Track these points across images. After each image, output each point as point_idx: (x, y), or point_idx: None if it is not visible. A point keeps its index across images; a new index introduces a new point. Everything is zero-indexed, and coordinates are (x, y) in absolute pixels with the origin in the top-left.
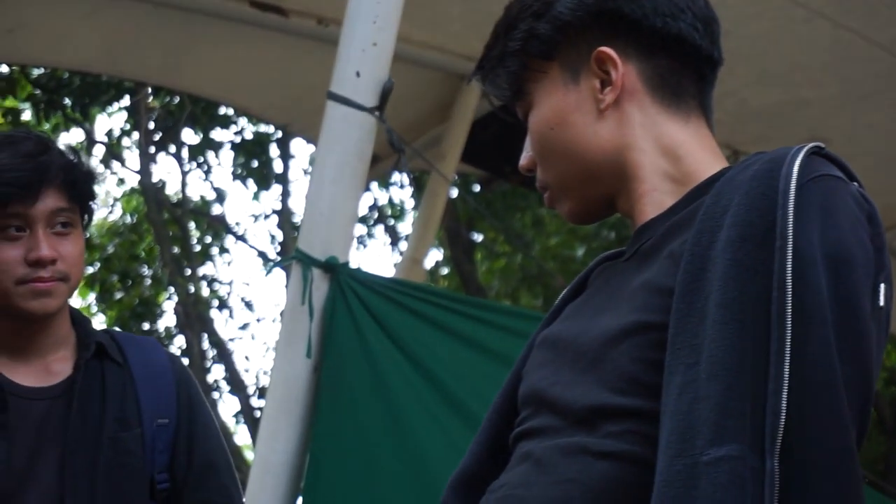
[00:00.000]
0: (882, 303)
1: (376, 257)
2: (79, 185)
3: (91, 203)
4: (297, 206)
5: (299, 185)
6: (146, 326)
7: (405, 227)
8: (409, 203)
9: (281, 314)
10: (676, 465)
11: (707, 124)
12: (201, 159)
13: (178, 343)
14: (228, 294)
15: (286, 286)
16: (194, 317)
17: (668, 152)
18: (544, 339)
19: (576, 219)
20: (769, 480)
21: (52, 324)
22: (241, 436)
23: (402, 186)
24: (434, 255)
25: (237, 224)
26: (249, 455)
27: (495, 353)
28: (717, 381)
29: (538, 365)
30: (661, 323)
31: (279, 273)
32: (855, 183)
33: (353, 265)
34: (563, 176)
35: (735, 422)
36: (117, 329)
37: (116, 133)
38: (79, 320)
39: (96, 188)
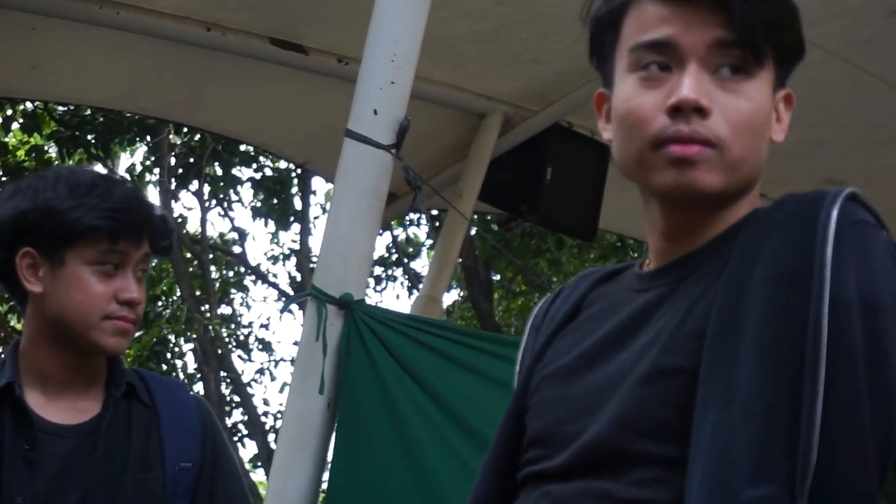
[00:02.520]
0: None
1: (395, 299)
2: (166, 235)
3: (164, 255)
4: (317, 245)
5: (319, 223)
6: (164, 367)
7: (424, 267)
8: (428, 242)
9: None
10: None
11: None
12: (222, 196)
13: (197, 387)
14: (247, 335)
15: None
16: (212, 356)
17: None
18: (555, 372)
19: (699, 192)
20: None
21: (99, 362)
22: (258, 475)
23: (418, 224)
24: (452, 295)
25: (258, 265)
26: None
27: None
28: (755, 420)
29: (552, 402)
30: (691, 367)
31: (299, 314)
32: (884, 230)
33: (372, 305)
34: (744, 158)
35: (772, 462)
36: (145, 370)
37: (138, 169)
38: (113, 359)
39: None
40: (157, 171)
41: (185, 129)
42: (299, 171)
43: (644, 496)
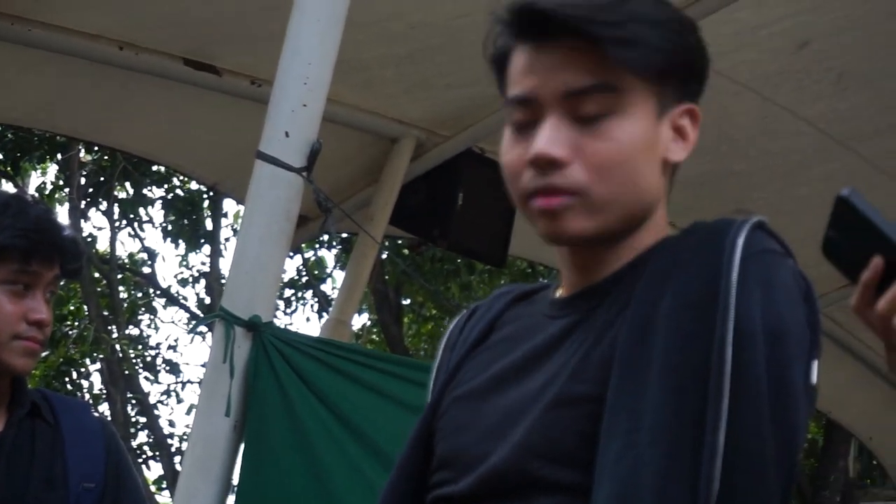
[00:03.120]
0: (814, 381)
1: (305, 321)
2: (77, 258)
3: (74, 278)
4: (227, 267)
5: (229, 245)
6: (70, 387)
7: (334, 290)
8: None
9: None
10: None
11: None
12: (132, 216)
13: (103, 407)
14: (155, 356)
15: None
16: (119, 377)
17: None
18: (466, 394)
19: (572, 239)
20: None
21: (4, 382)
22: (163, 498)
23: (329, 248)
24: (361, 318)
25: (168, 287)
26: None
27: (421, 411)
28: (659, 448)
29: (460, 424)
30: (598, 395)
31: (208, 336)
32: (791, 259)
33: (281, 327)
34: (614, 198)
35: (675, 489)
36: (49, 390)
37: (48, 188)
38: (16, 379)
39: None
40: (67, 190)
41: (96, 148)
42: (211, 192)
43: None
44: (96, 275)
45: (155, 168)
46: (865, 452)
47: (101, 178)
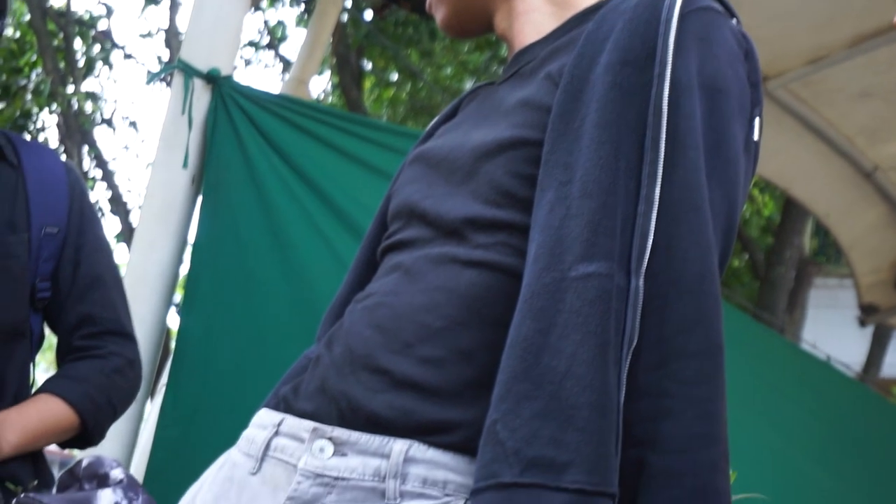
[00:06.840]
0: (756, 137)
1: (265, 81)
2: None
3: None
4: (185, 23)
5: (188, 0)
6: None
7: (293, 52)
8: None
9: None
10: (545, 277)
11: None
12: None
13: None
14: (113, 112)
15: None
16: (76, 130)
17: None
18: (417, 155)
19: (449, 28)
20: (633, 298)
21: None
22: (120, 253)
23: (293, 4)
24: (322, 82)
25: (125, 44)
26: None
27: (380, 171)
28: (590, 199)
29: (410, 180)
30: (537, 139)
31: (166, 93)
32: (734, 19)
33: (240, 82)
34: None
35: (605, 240)
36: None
37: None
38: None
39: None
40: None
41: None
42: None
43: (487, 258)
44: (50, 26)
45: None
46: (821, 230)
47: None
